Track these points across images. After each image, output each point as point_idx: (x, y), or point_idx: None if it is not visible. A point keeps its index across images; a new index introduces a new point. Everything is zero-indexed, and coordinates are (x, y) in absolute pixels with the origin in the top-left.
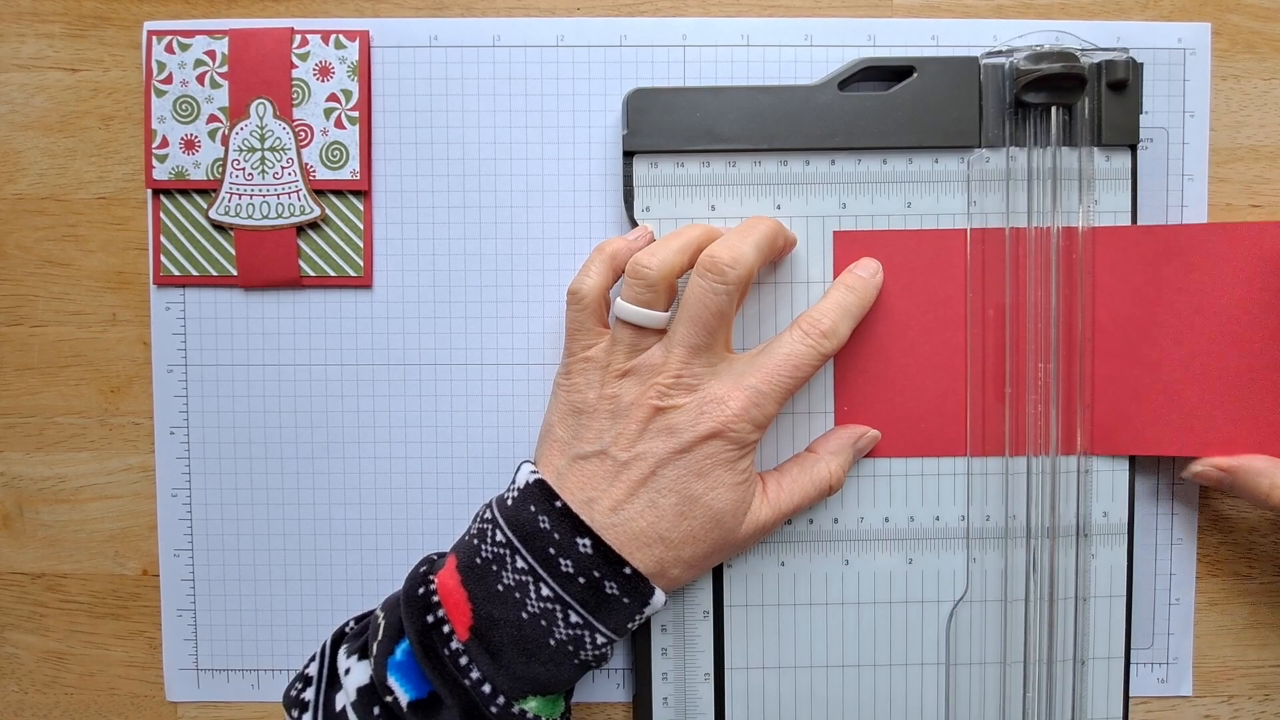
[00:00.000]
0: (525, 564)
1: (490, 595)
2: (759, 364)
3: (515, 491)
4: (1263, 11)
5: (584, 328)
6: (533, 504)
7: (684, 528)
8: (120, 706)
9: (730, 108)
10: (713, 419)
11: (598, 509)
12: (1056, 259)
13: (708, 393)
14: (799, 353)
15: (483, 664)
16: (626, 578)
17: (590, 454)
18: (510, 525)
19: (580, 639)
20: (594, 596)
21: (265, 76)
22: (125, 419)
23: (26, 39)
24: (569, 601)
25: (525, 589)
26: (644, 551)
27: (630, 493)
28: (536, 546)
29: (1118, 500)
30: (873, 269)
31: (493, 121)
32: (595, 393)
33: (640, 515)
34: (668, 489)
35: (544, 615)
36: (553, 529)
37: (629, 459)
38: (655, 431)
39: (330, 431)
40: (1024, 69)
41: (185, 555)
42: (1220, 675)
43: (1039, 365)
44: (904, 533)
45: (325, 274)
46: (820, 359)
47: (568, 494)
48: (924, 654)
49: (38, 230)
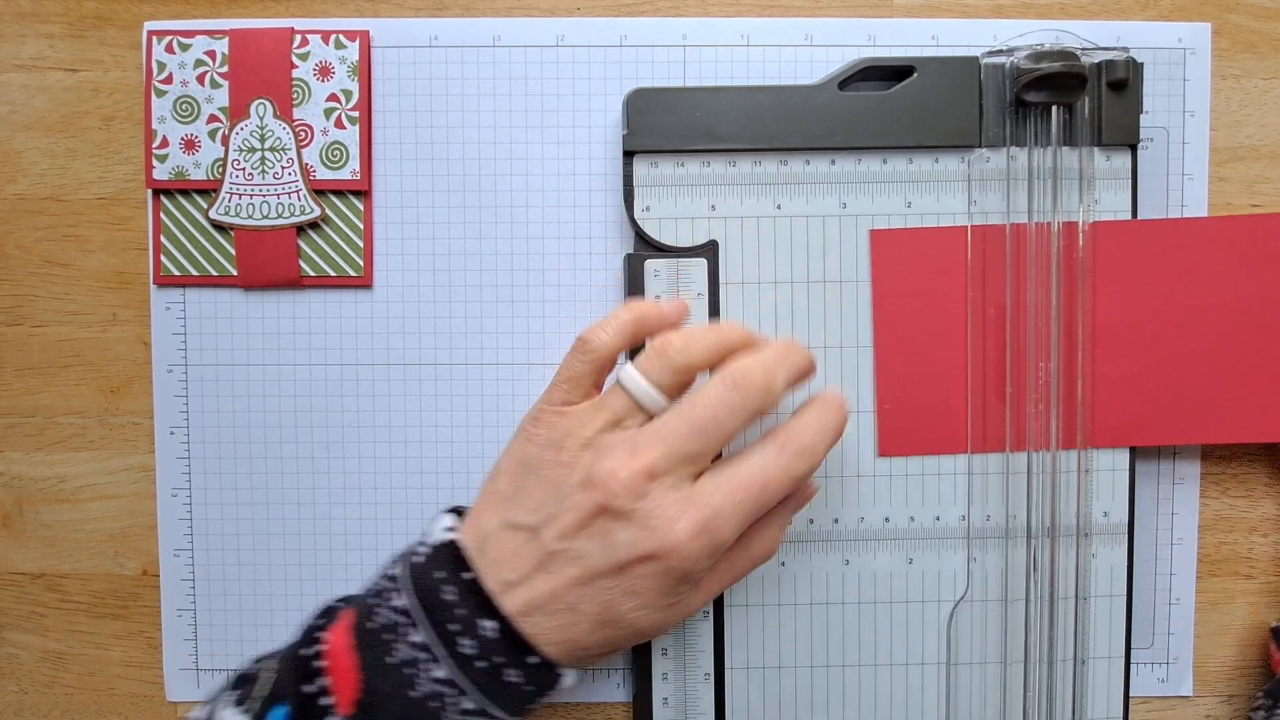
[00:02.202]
0: (422, 638)
1: (380, 667)
2: (723, 478)
3: (427, 550)
4: (1263, 11)
5: (577, 381)
6: (441, 569)
7: (600, 636)
8: (120, 706)
9: (730, 108)
10: (654, 541)
11: (517, 591)
12: (1057, 253)
13: (657, 506)
14: (770, 470)
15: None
16: (532, 667)
17: (522, 526)
18: (415, 589)
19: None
20: (493, 682)
21: (265, 76)
22: (125, 419)
23: (27, 39)
24: (463, 688)
25: (417, 666)
26: (559, 640)
27: (551, 594)
28: (437, 619)
29: (1118, 500)
30: (842, 401)
31: (493, 121)
32: (552, 455)
33: (556, 617)
34: (593, 599)
35: (434, 697)
36: (459, 602)
37: (559, 550)
38: (594, 533)
39: (330, 431)
40: (1024, 68)
41: (185, 555)
42: (1220, 675)
43: (1039, 364)
44: (904, 533)
45: (325, 274)
46: (790, 481)
47: (486, 565)
48: (924, 654)
49: (38, 230)
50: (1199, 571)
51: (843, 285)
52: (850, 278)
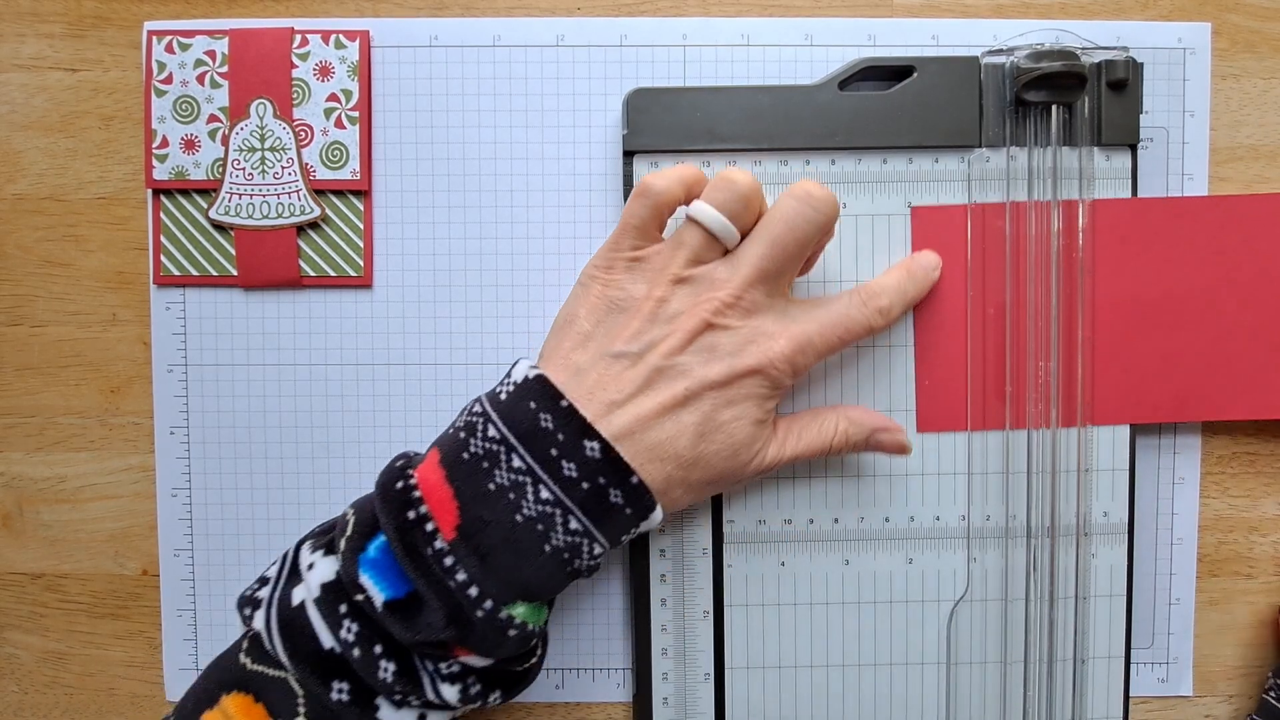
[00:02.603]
0: (523, 463)
1: (480, 494)
2: (814, 315)
3: (510, 386)
4: (1263, 11)
5: (643, 225)
6: (533, 400)
7: (700, 449)
8: (120, 706)
9: (730, 108)
10: (758, 354)
11: (620, 413)
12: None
13: (759, 325)
14: (854, 319)
15: (470, 567)
16: (633, 488)
17: (623, 354)
18: (506, 421)
19: (577, 547)
20: (597, 504)
21: (265, 76)
22: (125, 419)
23: (26, 39)
24: (570, 507)
25: (522, 490)
26: (655, 465)
27: (659, 404)
28: (537, 446)
29: (1118, 500)
30: (935, 263)
31: (493, 121)
32: (643, 291)
33: (661, 427)
34: (695, 408)
35: (541, 519)
36: (556, 429)
37: (665, 367)
38: (699, 348)
39: (330, 431)
40: (1024, 68)
41: (185, 555)
42: (1220, 675)
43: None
44: (904, 533)
45: (325, 274)
46: (869, 333)
47: (583, 391)
48: (924, 654)
49: (38, 230)
50: (1199, 571)
51: (843, 285)
52: (850, 278)
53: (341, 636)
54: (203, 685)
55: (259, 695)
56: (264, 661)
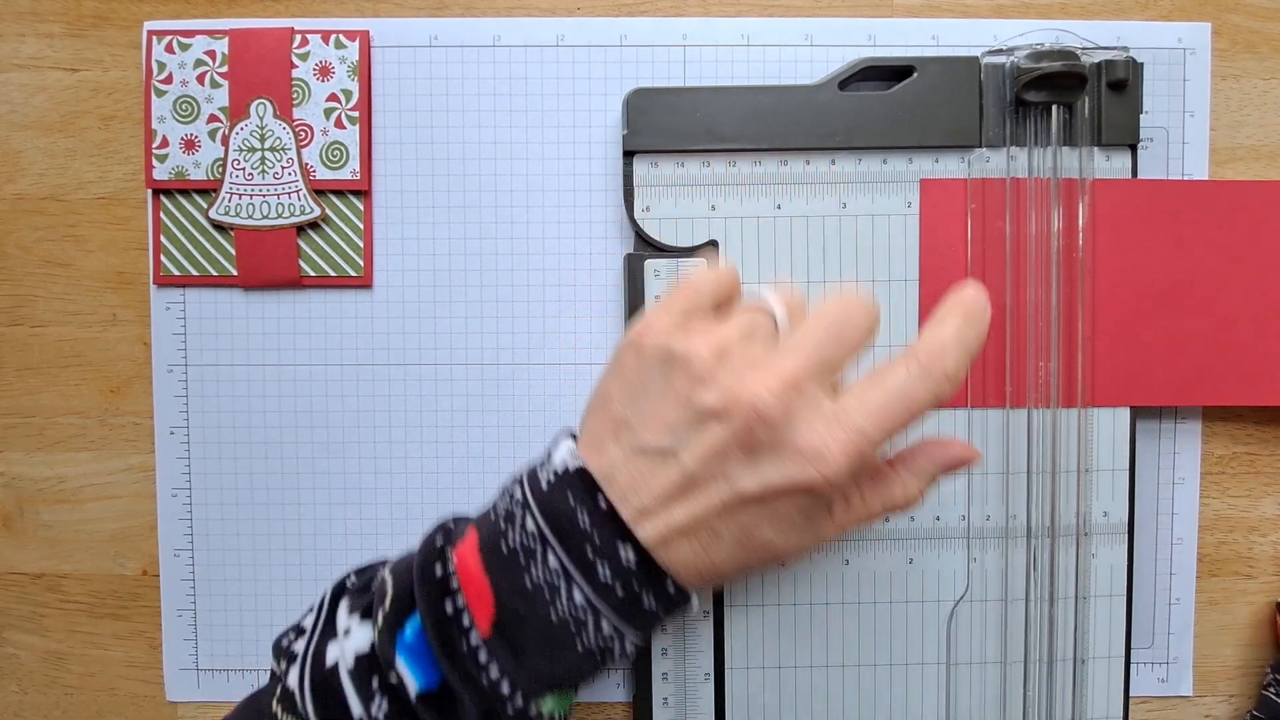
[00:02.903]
0: (558, 564)
1: (516, 589)
2: (868, 402)
3: (552, 475)
4: (1263, 11)
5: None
6: (572, 495)
7: (738, 559)
8: (120, 706)
9: (730, 108)
10: (808, 471)
11: (649, 526)
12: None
13: (806, 433)
14: (916, 395)
15: (504, 662)
16: (668, 594)
17: (653, 450)
18: (544, 515)
19: (609, 646)
20: (630, 608)
21: (265, 76)
22: (125, 419)
23: (26, 39)
24: (604, 611)
25: (556, 591)
26: (688, 572)
27: (692, 519)
28: (572, 545)
29: (1118, 500)
30: (985, 299)
31: (493, 121)
32: (682, 369)
33: (695, 540)
34: (734, 523)
35: (574, 621)
36: (593, 529)
37: (700, 475)
38: (740, 455)
39: (330, 431)
40: (1024, 67)
41: (185, 555)
42: (1220, 675)
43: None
44: (904, 533)
45: (325, 274)
46: (934, 404)
47: (617, 493)
48: (924, 654)
49: (38, 230)
50: (1199, 571)
51: (843, 285)
52: (851, 278)
53: (372, 712)
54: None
55: None
56: (294, 715)
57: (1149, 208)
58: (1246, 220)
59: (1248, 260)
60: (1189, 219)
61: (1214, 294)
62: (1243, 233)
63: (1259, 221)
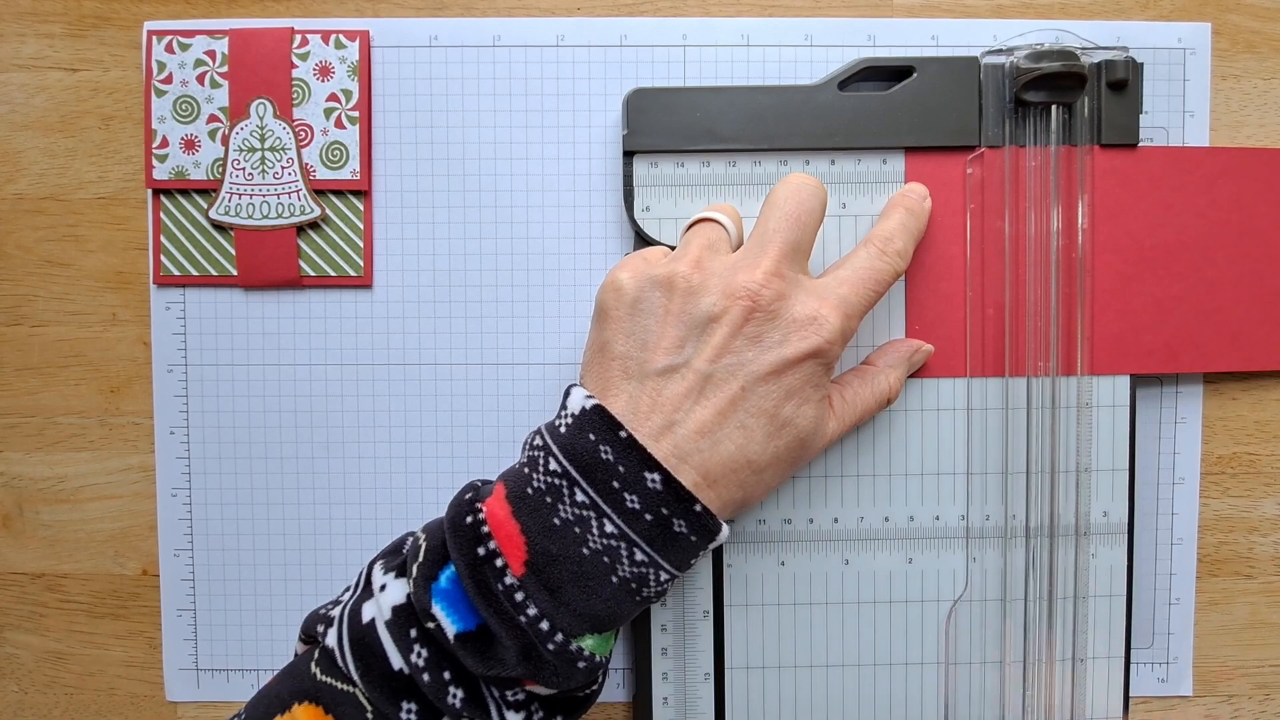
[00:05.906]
0: (586, 498)
1: (546, 529)
2: (843, 277)
3: (569, 418)
4: (1263, 11)
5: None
6: (591, 432)
7: (772, 449)
8: (120, 706)
9: (730, 108)
10: (812, 337)
11: (681, 433)
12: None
13: (798, 307)
14: (879, 269)
15: (540, 601)
16: (696, 515)
17: (667, 368)
18: (566, 454)
19: (644, 577)
20: (661, 534)
21: (265, 76)
22: (125, 419)
23: (26, 39)
24: (634, 539)
25: (586, 524)
26: (730, 478)
27: (719, 413)
28: (598, 479)
29: (1118, 500)
30: (924, 192)
31: (493, 121)
32: (664, 293)
33: (729, 438)
34: (757, 410)
35: (606, 552)
36: (616, 461)
37: (713, 372)
38: (746, 341)
39: (330, 431)
40: (1024, 67)
41: (185, 555)
42: (1220, 675)
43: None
44: (904, 532)
45: (325, 274)
46: (894, 277)
47: (639, 418)
48: (924, 654)
49: (38, 230)
50: (1199, 571)
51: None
52: None
53: (412, 661)
54: (275, 690)
55: (329, 708)
56: (334, 674)
57: (1147, 174)
58: (1241, 186)
59: (1243, 226)
60: (1186, 184)
61: (1209, 259)
62: (1238, 199)
63: (1257, 188)
